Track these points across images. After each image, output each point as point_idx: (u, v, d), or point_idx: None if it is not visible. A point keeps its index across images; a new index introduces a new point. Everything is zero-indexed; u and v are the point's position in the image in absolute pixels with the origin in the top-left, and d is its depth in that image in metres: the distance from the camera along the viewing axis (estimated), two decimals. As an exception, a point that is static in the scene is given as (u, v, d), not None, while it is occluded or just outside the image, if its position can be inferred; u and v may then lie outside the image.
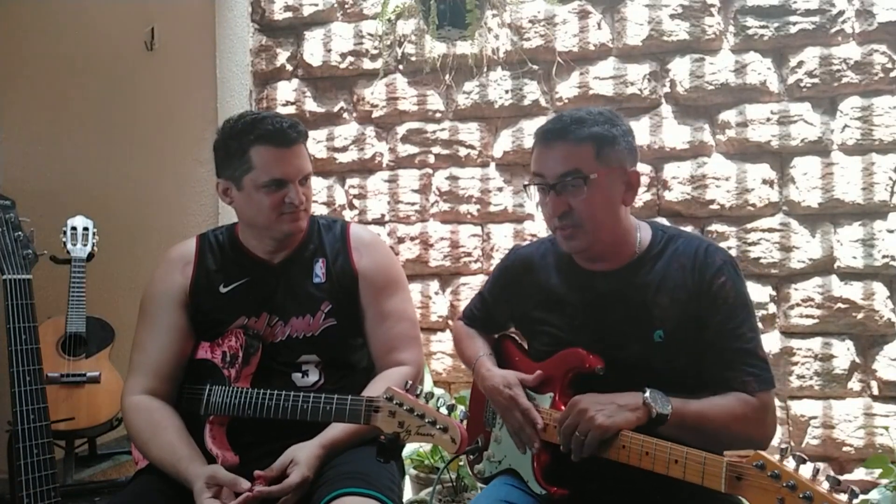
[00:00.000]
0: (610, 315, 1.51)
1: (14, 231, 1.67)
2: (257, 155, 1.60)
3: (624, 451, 1.34)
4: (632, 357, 1.47)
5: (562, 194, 1.47)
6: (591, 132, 1.46)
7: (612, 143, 1.47)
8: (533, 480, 1.50)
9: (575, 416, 1.38)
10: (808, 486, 1.08)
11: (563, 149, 1.47)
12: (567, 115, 1.50)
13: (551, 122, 1.52)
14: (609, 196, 1.48)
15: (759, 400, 1.41)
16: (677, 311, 1.47)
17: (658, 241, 1.54)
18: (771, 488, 1.12)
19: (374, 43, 2.94)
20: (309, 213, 1.71)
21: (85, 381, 2.39)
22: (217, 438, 1.56)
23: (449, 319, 2.87)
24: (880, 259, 2.47)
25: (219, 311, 1.67)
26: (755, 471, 1.15)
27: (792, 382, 2.53)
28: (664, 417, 1.35)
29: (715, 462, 1.22)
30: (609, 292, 1.52)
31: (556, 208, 1.47)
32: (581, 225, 1.47)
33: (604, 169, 1.46)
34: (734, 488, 1.19)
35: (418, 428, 1.36)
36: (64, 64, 3.03)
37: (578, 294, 1.56)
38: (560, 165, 1.46)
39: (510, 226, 2.83)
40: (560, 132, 1.48)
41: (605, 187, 1.46)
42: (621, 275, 1.52)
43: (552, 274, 1.61)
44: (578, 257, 1.56)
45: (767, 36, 2.58)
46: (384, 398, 1.40)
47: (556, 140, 1.48)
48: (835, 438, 2.48)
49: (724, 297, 1.45)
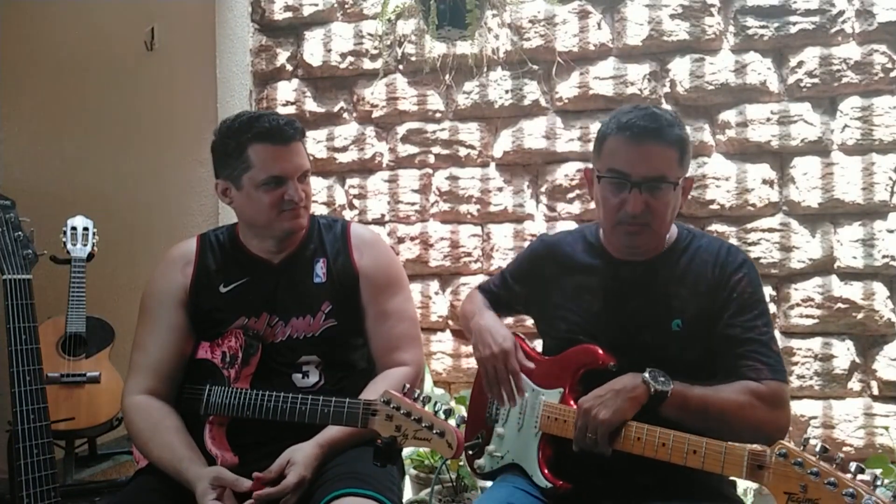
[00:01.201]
0: (631, 303, 1.54)
1: (14, 231, 1.67)
2: (255, 153, 1.60)
3: (640, 443, 1.35)
4: (648, 344, 1.49)
5: (644, 194, 1.46)
6: (680, 136, 1.48)
7: (689, 150, 1.51)
8: (538, 474, 1.50)
9: (582, 418, 1.40)
10: (832, 472, 1.10)
11: (655, 149, 1.46)
12: (660, 114, 1.48)
13: (641, 117, 1.46)
14: (678, 201, 1.52)
15: (769, 388, 1.41)
16: (697, 302, 1.49)
17: (684, 237, 1.58)
18: (794, 475, 1.14)
19: (374, 43, 2.93)
20: (309, 211, 1.71)
21: (85, 382, 2.39)
22: (216, 439, 1.56)
23: (449, 319, 2.87)
24: (880, 259, 2.47)
25: (219, 311, 1.67)
26: (778, 459, 1.17)
27: (792, 382, 2.53)
28: (664, 394, 1.36)
29: (736, 450, 1.23)
30: (633, 281, 1.55)
31: (635, 206, 1.45)
32: (650, 224, 1.49)
33: (683, 175, 1.50)
34: (755, 476, 1.20)
35: (415, 432, 1.36)
36: (64, 64, 3.03)
37: (602, 281, 1.58)
38: (649, 166, 1.45)
39: (510, 226, 2.83)
40: (654, 132, 1.45)
41: (679, 192, 1.50)
42: (648, 266, 1.55)
43: (578, 261, 1.63)
44: (619, 249, 1.57)
45: (767, 36, 2.58)
46: (381, 401, 1.40)
47: (649, 139, 1.45)
48: (835, 438, 2.48)
49: (741, 291, 1.48)
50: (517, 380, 1.55)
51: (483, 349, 1.60)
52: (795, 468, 1.13)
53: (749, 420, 1.38)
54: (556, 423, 1.50)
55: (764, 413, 1.39)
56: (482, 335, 1.62)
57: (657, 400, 1.37)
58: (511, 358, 1.57)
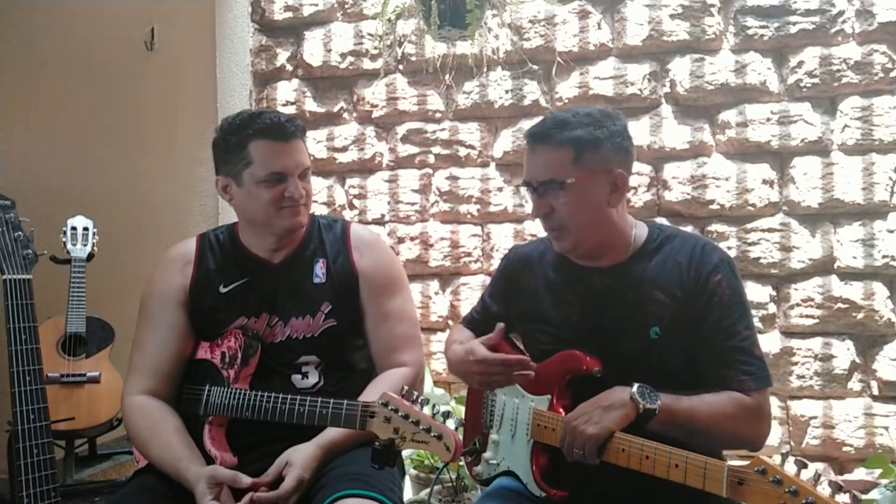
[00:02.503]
0: (606, 312, 1.52)
1: (14, 231, 1.67)
2: (256, 149, 1.60)
3: (624, 455, 1.34)
4: (629, 354, 1.48)
5: (543, 197, 1.49)
6: (572, 136, 1.46)
7: (594, 147, 1.46)
8: (532, 482, 1.50)
9: (569, 433, 1.39)
10: (811, 491, 1.09)
11: (543, 153, 1.49)
12: (550, 118, 1.52)
13: (537, 124, 1.54)
14: (590, 199, 1.48)
15: (755, 399, 1.41)
16: (673, 308, 1.47)
17: (654, 238, 1.55)
18: (773, 493, 1.13)
19: (374, 43, 2.94)
20: (309, 209, 1.70)
21: (85, 382, 2.40)
22: (216, 439, 1.56)
23: (449, 319, 2.86)
24: (880, 259, 2.47)
25: (218, 311, 1.67)
26: (757, 476, 1.15)
27: (792, 382, 2.53)
28: (652, 412, 1.35)
29: (716, 467, 1.22)
30: (604, 289, 1.53)
31: (538, 210, 1.52)
32: (564, 226, 1.49)
33: (582, 173, 1.46)
34: (736, 493, 1.19)
35: (413, 434, 1.36)
36: (64, 64, 3.03)
37: (575, 291, 1.56)
38: (540, 169, 1.49)
39: (510, 226, 2.83)
40: (541, 136, 1.50)
41: (585, 191, 1.47)
42: (615, 271, 1.53)
43: (549, 271, 1.62)
44: (571, 255, 1.57)
45: (767, 36, 2.58)
46: (380, 404, 1.40)
47: (538, 143, 1.50)
48: (835, 438, 2.48)
49: (719, 294, 1.45)
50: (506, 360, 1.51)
51: (469, 379, 1.61)
52: (774, 486, 1.12)
53: (733, 432, 1.38)
54: (546, 431, 1.48)
55: (748, 425, 1.40)
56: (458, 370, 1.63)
57: (645, 417, 1.35)
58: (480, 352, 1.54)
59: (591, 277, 1.55)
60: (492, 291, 1.78)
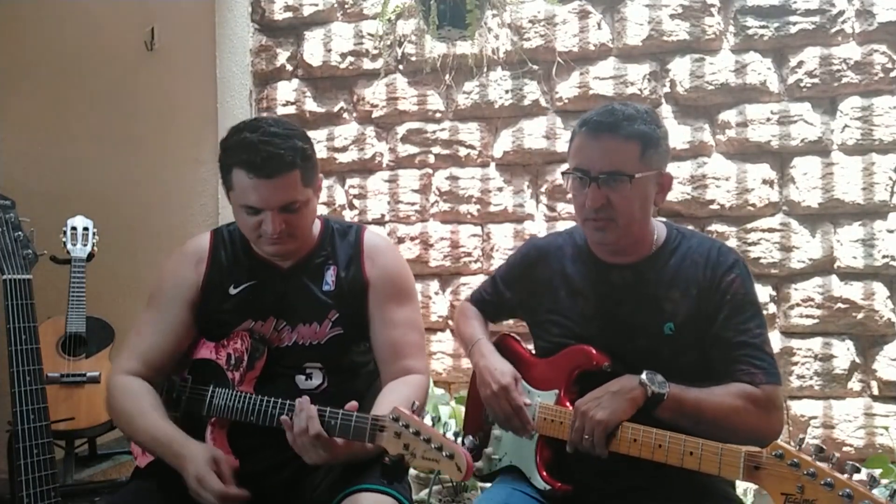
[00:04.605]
0: (622, 307, 1.53)
1: (14, 231, 1.67)
2: (237, 178, 1.55)
3: (636, 445, 1.34)
4: (641, 349, 1.49)
5: (602, 188, 1.46)
6: (640, 130, 1.46)
7: (655, 145, 1.48)
8: (536, 476, 1.50)
9: (579, 419, 1.40)
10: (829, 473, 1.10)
11: (611, 144, 1.46)
12: (619, 109, 1.48)
13: (601, 113, 1.49)
14: (645, 196, 1.49)
15: (764, 392, 1.41)
16: (688, 305, 1.48)
17: (673, 238, 1.56)
18: (790, 476, 1.14)
19: (374, 43, 2.94)
20: (297, 238, 1.63)
21: (85, 382, 2.39)
22: (218, 441, 1.55)
23: (449, 319, 2.86)
24: (880, 259, 2.47)
25: (226, 313, 1.65)
26: (774, 460, 1.17)
27: (792, 382, 2.53)
28: (661, 397, 1.36)
29: (733, 452, 1.23)
30: (623, 285, 1.54)
31: (595, 201, 1.47)
32: (615, 220, 1.48)
33: (645, 169, 1.47)
34: (752, 477, 1.20)
35: (424, 452, 1.31)
36: (64, 64, 3.03)
37: (593, 285, 1.57)
38: (606, 160, 1.46)
39: (510, 226, 2.83)
40: (610, 126, 1.46)
41: (644, 187, 1.48)
42: (637, 268, 1.54)
43: (568, 264, 1.62)
44: (599, 249, 1.57)
45: (767, 36, 2.58)
46: (390, 418, 1.36)
47: (605, 133, 1.46)
48: (835, 438, 2.48)
49: (733, 293, 1.47)
50: (521, 414, 1.53)
51: (485, 389, 1.60)
52: (792, 469, 1.14)
53: (743, 424, 1.38)
54: (553, 425, 1.50)
55: (758, 417, 1.39)
56: (483, 375, 1.62)
57: (654, 402, 1.36)
58: (511, 393, 1.54)
59: (611, 273, 1.56)
60: (506, 277, 1.78)
